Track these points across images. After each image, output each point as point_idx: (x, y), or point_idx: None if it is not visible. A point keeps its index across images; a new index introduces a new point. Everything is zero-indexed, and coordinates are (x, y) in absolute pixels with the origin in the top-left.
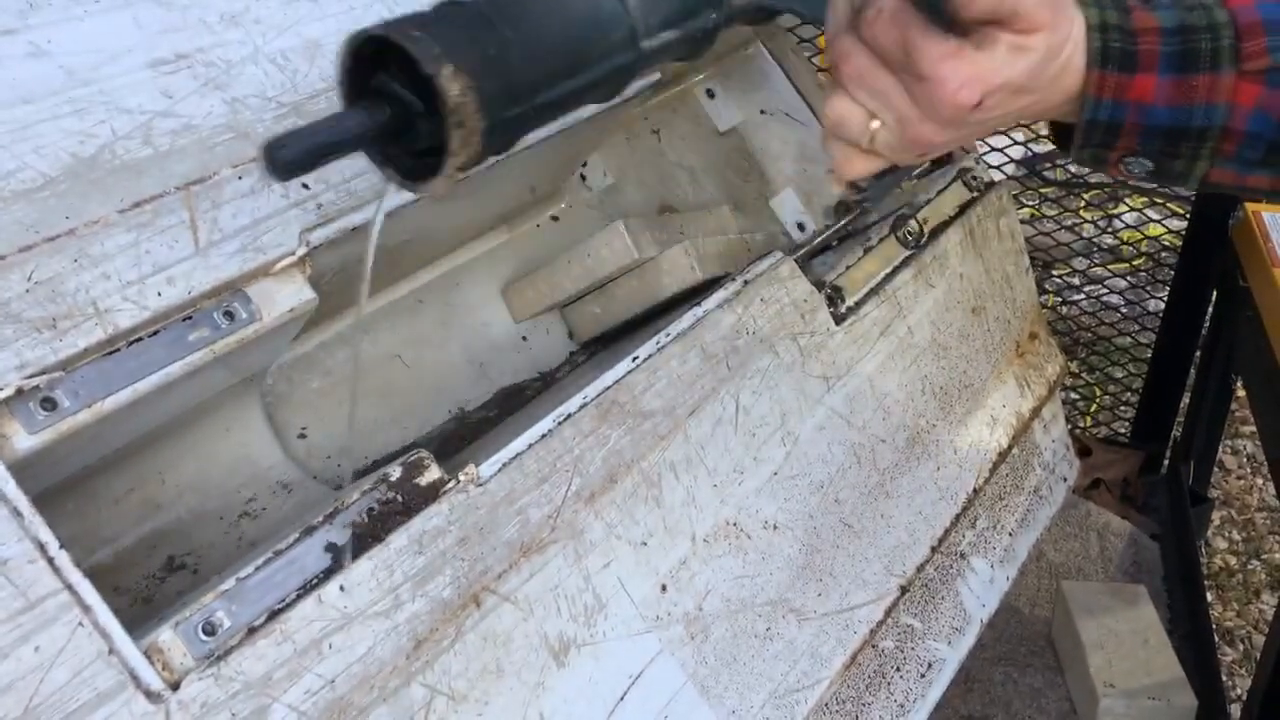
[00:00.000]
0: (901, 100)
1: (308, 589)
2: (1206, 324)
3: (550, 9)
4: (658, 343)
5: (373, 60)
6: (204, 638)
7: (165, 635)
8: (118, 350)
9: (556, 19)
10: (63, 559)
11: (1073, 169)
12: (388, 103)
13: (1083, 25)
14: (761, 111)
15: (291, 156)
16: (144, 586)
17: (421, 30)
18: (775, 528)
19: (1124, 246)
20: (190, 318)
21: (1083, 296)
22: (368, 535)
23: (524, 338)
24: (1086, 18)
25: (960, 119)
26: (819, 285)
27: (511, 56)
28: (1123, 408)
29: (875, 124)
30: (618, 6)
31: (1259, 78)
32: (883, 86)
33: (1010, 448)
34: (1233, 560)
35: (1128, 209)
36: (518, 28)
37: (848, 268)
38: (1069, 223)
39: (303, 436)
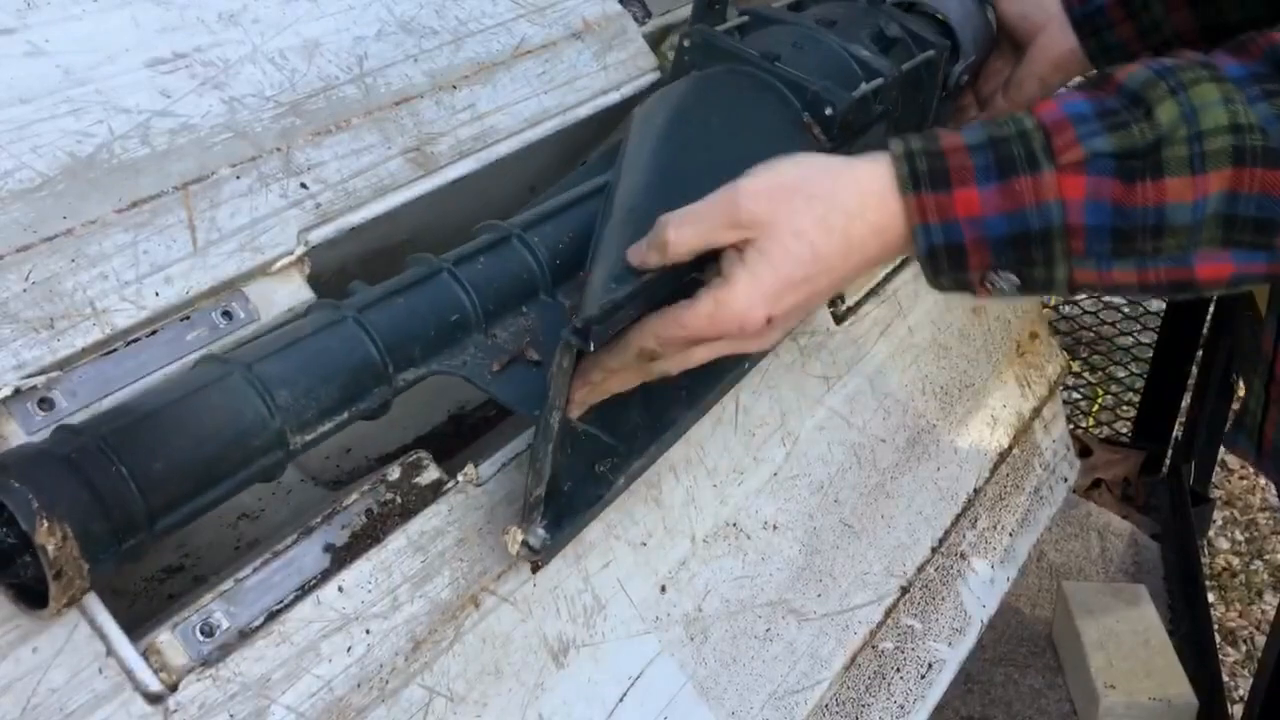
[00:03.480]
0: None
1: (306, 590)
2: (1208, 324)
3: (180, 427)
4: None
5: None
6: (202, 639)
7: (163, 636)
8: (115, 350)
9: (186, 438)
10: None
11: None
12: None
13: (865, 186)
14: None
15: None
16: (142, 588)
17: (22, 478)
18: (775, 528)
19: None
20: (188, 318)
21: (1084, 296)
22: (366, 536)
23: None
24: (891, 150)
25: (763, 333)
26: None
27: (127, 493)
28: (1124, 407)
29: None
30: (261, 410)
31: (1079, 169)
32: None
33: (1011, 448)
34: (1235, 561)
35: None
36: (137, 458)
37: None
38: None
39: None
